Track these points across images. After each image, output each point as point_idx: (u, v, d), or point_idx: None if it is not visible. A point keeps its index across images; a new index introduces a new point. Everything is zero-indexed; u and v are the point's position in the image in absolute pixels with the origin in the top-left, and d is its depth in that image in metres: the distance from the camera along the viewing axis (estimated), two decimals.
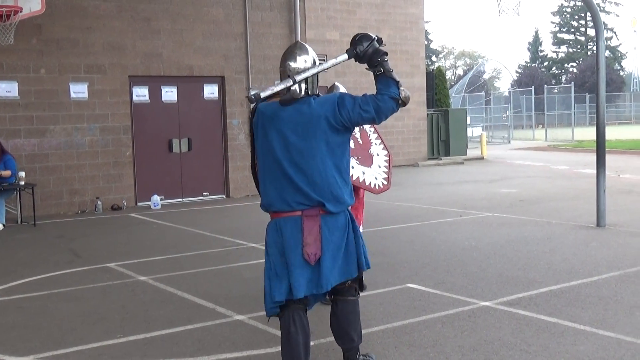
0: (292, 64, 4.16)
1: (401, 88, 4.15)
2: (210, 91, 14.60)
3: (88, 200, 13.16)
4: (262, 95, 4.03)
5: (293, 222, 4.09)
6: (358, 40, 4.14)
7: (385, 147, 6.35)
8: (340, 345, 4.40)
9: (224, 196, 14.79)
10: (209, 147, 14.61)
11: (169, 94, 14.13)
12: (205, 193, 14.60)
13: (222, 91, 14.68)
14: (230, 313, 5.97)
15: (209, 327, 5.60)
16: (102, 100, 13.29)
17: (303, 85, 4.11)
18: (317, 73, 4.17)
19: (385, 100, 4.07)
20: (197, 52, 14.27)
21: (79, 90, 13.05)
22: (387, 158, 6.30)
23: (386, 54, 4.18)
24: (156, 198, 13.54)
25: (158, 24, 13.82)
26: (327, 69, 4.17)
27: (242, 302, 6.31)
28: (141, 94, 13.84)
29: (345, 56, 4.18)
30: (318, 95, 4.20)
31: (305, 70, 4.12)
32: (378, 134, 6.35)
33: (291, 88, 4.08)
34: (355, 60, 4.18)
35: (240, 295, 6.63)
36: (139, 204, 13.74)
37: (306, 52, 4.22)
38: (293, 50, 4.25)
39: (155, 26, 13.79)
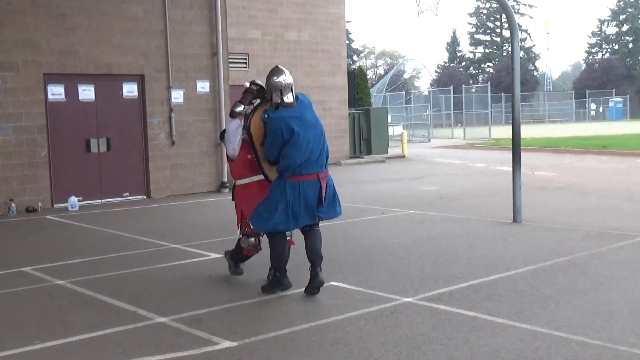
0: (276, 79, 6.26)
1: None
2: (130, 90, 14.30)
3: (1, 202, 12.67)
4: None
5: (312, 183, 6.25)
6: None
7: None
8: (314, 260, 6.35)
9: (145, 197, 14.52)
10: (129, 146, 14.31)
11: (86, 92, 13.76)
12: (125, 194, 14.30)
13: (141, 90, 14.40)
14: (152, 315, 5.86)
15: (130, 331, 5.49)
16: (15, 98, 12.82)
17: (291, 94, 6.29)
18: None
19: None
20: (116, 49, 13.95)
21: None
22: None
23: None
24: (74, 199, 13.17)
25: (74, 20, 13.45)
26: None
27: (165, 304, 6.21)
28: (57, 92, 13.43)
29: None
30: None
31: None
32: None
33: (286, 99, 6.25)
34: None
35: (163, 297, 6.53)
36: (55, 205, 13.33)
37: (284, 72, 6.33)
38: (277, 71, 6.35)
39: (71, 22, 13.41)
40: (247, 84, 6.62)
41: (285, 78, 6.23)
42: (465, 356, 4.71)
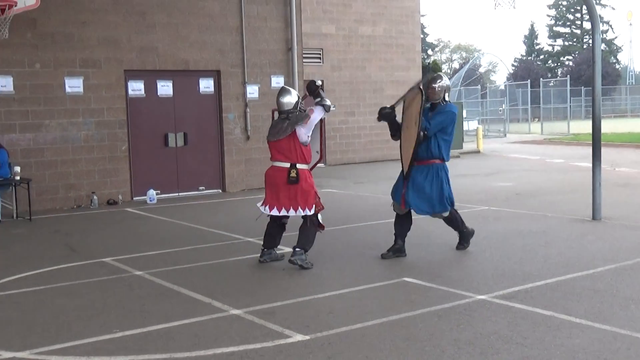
0: (447, 83, 8.10)
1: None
2: (206, 85, 14.56)
3: (84, 195, 13.13)
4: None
5: None
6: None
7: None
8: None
9: (220, 190, 14.77)
10: (205, 141, 14.59)
11: (165, 88, 14.10)
12: (201, 187, 14.59)
13: (217, 85, 14.65)
14: (227, 307, 5.97)
15: (206, 322, 5.60)
16: (98, 94, 13.24)
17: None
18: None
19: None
20: (193, 46, 14.23)
21: (74, 85, 13.01)
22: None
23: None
24: (152, 192, 13.51)
25: (153, 18, 13.78)
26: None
27: (239, 297, 6.31)
28: (137, 88, 13.81)
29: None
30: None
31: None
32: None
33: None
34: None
35: (237, 289, 6.63)
36: (134, 198, 13.72)
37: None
38: (442, 76, 8.15)
39: (150, 20, 13.75)
40: (320, 82, 7.86)
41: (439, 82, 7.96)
42: (541, 356, 4.62)
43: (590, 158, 10.16)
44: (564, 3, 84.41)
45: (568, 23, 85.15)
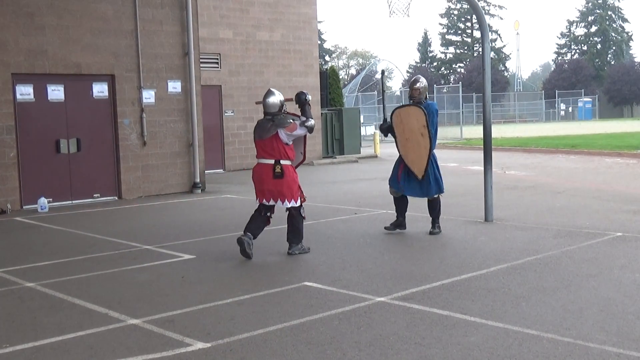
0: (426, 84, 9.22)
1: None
2: (100, 90, 14.16)
3: None
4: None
5: None
6: None
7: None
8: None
9: (116, 198, 14.39)
10: (100, 147, 14.17)
11: (56, 92, 13.60)
12: (96, 195, 14.15)
13: (112, 90, 14.27)
14: (124, 317, 5.81)
15: (102, 333, 5.43)
16: None
17: None
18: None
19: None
20: (85, 49, 13.81)
21: None
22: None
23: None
24: (43, 201, 13.00)
25: (43, 20, 13.28)
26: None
27: (137, 306, 6.16)
28: (25, 92, 13.25)
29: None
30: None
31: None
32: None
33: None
34: None
35: (134, 298, 6.47)
36: (25, 207, 13.15)
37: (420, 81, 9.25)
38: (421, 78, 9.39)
39: (39, 22, 13.24)
40: (309, 97, 8.37)
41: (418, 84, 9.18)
42: (438, 355, 4.74)
43: (482, 162, 10.52)
44: (455, 12, 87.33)
45: (459, 32, 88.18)
